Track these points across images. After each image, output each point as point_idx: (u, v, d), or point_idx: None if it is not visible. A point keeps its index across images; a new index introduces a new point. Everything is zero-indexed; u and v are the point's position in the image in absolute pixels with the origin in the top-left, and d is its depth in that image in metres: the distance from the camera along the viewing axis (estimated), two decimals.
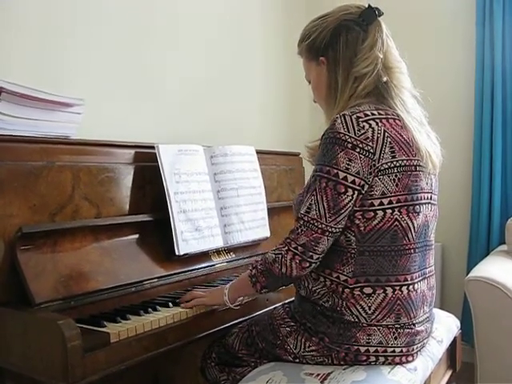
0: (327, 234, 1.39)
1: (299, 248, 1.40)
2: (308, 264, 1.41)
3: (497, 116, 3.18)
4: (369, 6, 1.55)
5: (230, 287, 1.62)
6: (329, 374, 1.41)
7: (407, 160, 1.43)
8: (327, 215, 1.38)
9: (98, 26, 2.28)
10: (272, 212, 2.39)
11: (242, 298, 1.68)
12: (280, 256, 1.43)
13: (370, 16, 1.53)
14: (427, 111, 1.60)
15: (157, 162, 1.86)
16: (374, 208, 1.40)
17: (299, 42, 1.65)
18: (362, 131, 1.39)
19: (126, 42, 2.41)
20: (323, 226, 1.39)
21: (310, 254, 1.40)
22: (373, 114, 1.43)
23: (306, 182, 1.55)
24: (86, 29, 2.22)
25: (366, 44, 1.51)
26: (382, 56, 1.50)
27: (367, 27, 1.53)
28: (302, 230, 1.41)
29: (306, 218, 1.41)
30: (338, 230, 1.40)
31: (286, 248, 1.43)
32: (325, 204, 1.39)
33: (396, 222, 1.41)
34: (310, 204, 1.41)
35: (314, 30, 1.58)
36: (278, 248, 1.46)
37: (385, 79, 1.51)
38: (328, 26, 1.56)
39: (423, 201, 1.48)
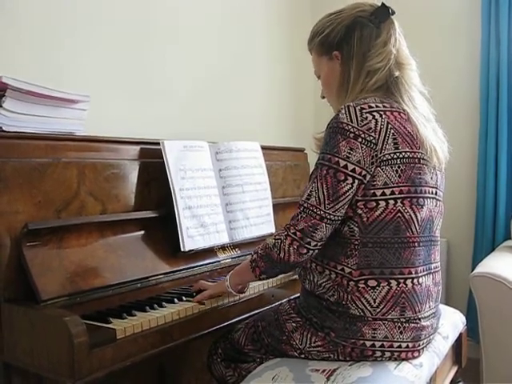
0: (325, 220, 1.40)
1: (298, 233, 1.42)
2: (305, 250, 1.42)
3: (502, 112, 3.17)
4: (382, 4, 1.57)
5: (232, 273, 1.66)
6: (335, 370, 1.41)
7: (410, 152, 1.44)
8: (326, 202, 1.40)
9: (103, 24, 2.28)
10: (277, 208, 2.39)
11: (246, 288, 1.75)
12: (279, 241, 1.45)
13: (383, 14, 1.55)
14: (433, 107, 1.61)
15: (162, 158, 1.86)
16: (376, 198, 1.41)
17: (311, 38, 1.66)
18: (365, 122, 1.40)
19: (131, 40, 2.41)
20: (322, 212, 1.40)
21: (308, 240, 1.41)
22: (377, 106, 1.44)
23: None
24: (92, 26, 2.23)
25: (380, 40, 1.52)
26: (395, 52, 1.52)
27: (380, 25, 1.54)
28: (301, 216, 1.43)
29: (305, 205, 1.43)
30: (336, 217, 1.41)
31: (285, 233, 1.44)
32: (324, 191, 1.41)
33: (399, 214, 1.42)
34: (311, 191, 1.43)
35: (328, 26, 1.59)
36: (278, 233, 1.48)
37: (396, 74, 1.52)
38: (342, 22, 1.57)
39: (427, 194, 1.48)
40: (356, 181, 1.40)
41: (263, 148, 2.37)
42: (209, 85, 2.87)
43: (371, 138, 1.40)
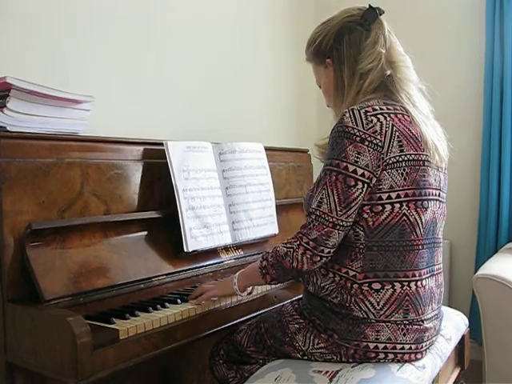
0: (338, 227, 1.40)
1: (310, 243, 1.41)
2: (319, 258, 1.42)
3: (506, 113, 3.16)
4: (369, 6, 1.59)
5: (239, 276, 1.63)
6: (337, 372, 1.41)
7: (415, 154, 1.44)
8: (338, 208, 1.39)
9: (108, 23, 2.28)
10: (280, 209, 2.39)
11: (250, 288, 1.75)
12: (291, 250, 1.44)
13: (371, 16, 1.57)
14: (436, 108, 1.61)
15: (165, 158, 1.86)
16: (382, 202, 1.41)
17: (306, 48, 1.69)
18: (370, 125, 1.40)
19: (135, 40, 2.41)
20: (334, 219, 1.39)
21: (321, 248, 1.40)
22: (381, 109, 1.44)
23: (314, 179, 1.55)
24: (95, 26, 2.23)
25: (369, 41, 1.54)
26: (384, 51, 1.53)
27: (369, 26, 1.56)
28: (313, 225, 1.41)
29: (317, 213, 1.42)
30: (348, 223, 1.41)
31: (298, 243, 1.43)
32: (335, 197, 1.40)
33: (404, 217, 1.42)
34: (321, 198, 1.42)
35: (319, 35, 1.63)
36: (289, 242, 1.46)
37: (388, 72, 1.52)
38: (331, 30, 1.60)
39: (431, 197, 1.48)
40: (365, 185, 1.40)
41: (266, 149, 2.37)
42: (211, 86, 2.87)
43: (377, 141, 1.39)
